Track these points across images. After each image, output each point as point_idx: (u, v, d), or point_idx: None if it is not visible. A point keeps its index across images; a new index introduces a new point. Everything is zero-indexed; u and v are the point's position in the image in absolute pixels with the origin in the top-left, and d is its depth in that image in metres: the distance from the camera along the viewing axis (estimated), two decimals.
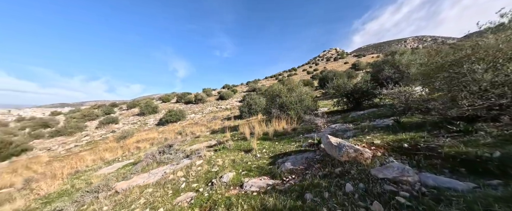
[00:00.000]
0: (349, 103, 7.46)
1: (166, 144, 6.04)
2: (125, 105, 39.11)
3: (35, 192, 4.16)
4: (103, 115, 30.32)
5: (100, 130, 21.86)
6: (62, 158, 11.67)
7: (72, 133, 21.81)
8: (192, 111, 25.09)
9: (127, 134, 14.99)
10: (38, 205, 3.47)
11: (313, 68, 53.12)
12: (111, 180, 4.08)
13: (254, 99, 13.37)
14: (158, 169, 4.44)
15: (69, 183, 4.64)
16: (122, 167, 5.71)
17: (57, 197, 3.81)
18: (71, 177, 5.37)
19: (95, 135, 19.97)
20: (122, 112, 33.44)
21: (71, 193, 3.90)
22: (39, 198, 3.82)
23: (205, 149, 5.28)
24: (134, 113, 29.43)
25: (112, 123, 23.62)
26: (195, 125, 13.53)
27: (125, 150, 8.84)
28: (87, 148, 14.74)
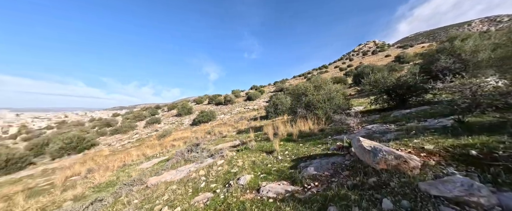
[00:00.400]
0: (391, 100, 6.37)
1: (194, 143, 6.38)
2: (166, 107, 44.13)
3: (90, 181, 4.97)
4: (149, 116, 34.90)
5: (146, 129, 25.19)
6: (117, 152, 13.84)
7: (126, 131, 25.80)
8: (221, 112, 26.32)
9: (166, 133, 16.77)
10: (90, 193, 4.12)
11: (347, 64, 48.69)
12: (145, 175, 4.51)
13: (280, 99, 13.01)
14: (184, 166, 4.68)
15: (116, 175, 5.38)
16: (157, 163, 6.31)
17: (105, 187, 4.45)
18: (119, 170, 6.23)
19: (142, 133, 23.07)
20: (164, 113, 37.79)
21: (115, 184, 4.49)
22: (92, 187, 4.54)
23: (228, 149, 5.31)
24: (173, 114, 32.86)
25: (155, 123, 26.93)
26: (223, 125, 14.07)
27: (163, 147, 9.83)
28: (136, 144, 17.07)
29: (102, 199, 3.01)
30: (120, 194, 3.35)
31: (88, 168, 7.34)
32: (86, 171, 6.77)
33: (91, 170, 6.69)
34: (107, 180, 5.00)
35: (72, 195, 4.04)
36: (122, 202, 2.94)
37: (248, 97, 32.20)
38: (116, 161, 7.53)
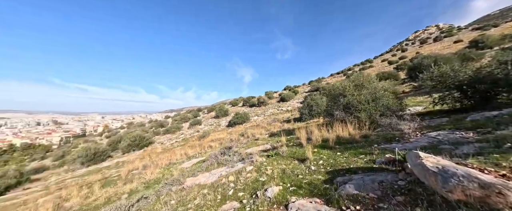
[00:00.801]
0: (466, 98, 4.89)
1: (227, 146, 6.60)
2: (206, 110, 48.31)
3: (143, 177, 5.81)
4: (192, 118, 38.97)
5: (190, 130, 28.13)
6: (167, 150, 15.89)
7: (174, 132, 29.53)
8: (255, 113, 26.77)
9: (205, 133, 18.24)
10: (142, 188, 4.78)
11: (398, 56, 41.56)
12: (184, 175, 4.90)
13: (315, 99, 12.12)
14: (217, 170, 4.85)
15: (162, 173, 6.11)
16: (196, 163, 6.83)
17: (153, 183, 5.09)
18: (165, 168, 7.07)
19: (187, 133, 25.85)
20: (204, 115, 41.44)
21: (160, 181, 5.08)
22: (144, 182, 5.29)
23: (259, 154, 5.21)
24: (211, 116, 35.63)
25: (197, 125, 29.77)
26: (256, 127, 14.20)
27: (202, 148, 10.66)
28: (181, 143, 19.20)
29: (147, 197, 3.39)
30: (161, 193, 3.71)
31: (144, 164, 8.67)
32: (142, 167, 7.99)
33: (145, 166, 7.85)
34: (155, 177, 5.72)
35: (129, 188, 4.78)
36: (161, 202, 3.22)
37: (281, 98, 31.61)
38: (164, 159, 8.61)
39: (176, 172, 5.54)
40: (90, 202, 4.37)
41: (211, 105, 51.74)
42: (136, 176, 6.32)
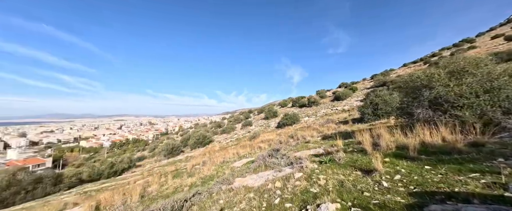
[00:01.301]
0: None
1: (274, 148, 6.35)
2: (256, 111, 50.40)
3: (201, 172, 6.50)
4: (244, 119, 41.61)
5: (242, 131, 30.04)
6: (223, 149, 17.51)
7: (229, 132, 32.42)
8: (305, 114, 25.22)
9: (255, 134, 18.83)
10: (199, 182, 5.32)
11: None
12: (234, 174, 5.05)
13: (381, 96, 9.86)
14: (264, 172, 4.68)
15: (216, 170, 6.63)
16: (245, 163, 6.99)
17: (208, 179, 5.57)
18: (219, 165, 7.67)
19: (239, 134, 27.71)
20: (255, 117, 43.29)
21: (213, 178, 5.49)
22: (201, 178, 5.89)
23: (309, 159, 4.63)
24: (261, 117, 36.67)
25: (248, 125, 31.41)
26: (307, 128, 13.20)
27: (252, 148, 10.95)
28: (235, 143, 20.68)
29: (201, 193, 3.65)
30: (212, 191, 3.91)
31: (203, 160, 9.85)
32: (202, 163, 9.06)
33: (204, 163, 8.86)
34: (210, 173, 6.27)
35: (190, 182, 5.44)
36: (212, 200, 3.35)
37: (336, 97, 28.26)
38: (219, 157, 9.42)
39: (227, 171, 5.82)
40: (163, 190, 5.29)
41: (260, 107, 53.48)
42: (196, 171, 7.19)
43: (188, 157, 17.94)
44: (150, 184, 6.66)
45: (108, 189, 8.26)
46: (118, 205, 4.61)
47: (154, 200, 4.60)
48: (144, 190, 5.60)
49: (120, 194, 5.07)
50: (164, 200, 4.49)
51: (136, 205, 4.44)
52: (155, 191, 5.30)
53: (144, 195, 5.08)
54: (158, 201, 4.54)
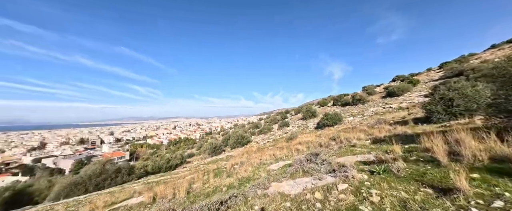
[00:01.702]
0: None
1: (313, 152, 5.83)
2: (293, 111, 48.86)
3: (239, 173, 6.66)
4: (280, 120, 41.01)
5: (279, 131, 29.65)
6: (260, 149, 17.64)
7: (266, 133, 32.60)
8: (350, 113, 22.58)
9: (293, 136, 18.16)
10: (236, 184, 5.43)
11: None
12: (269, 178, 4.90)
13: (458, 88, 7.63)
14: (301, 179, 4.32)
15: (253, 172, 6.65)
16: (282, 166, 6.73)
17: (244, 181, 5.63)
18: (256, 167, 7.68)
19: (276, 134, 27.43)
20: (292, 117, 42.03)
21: (250, 180, 5.49)
22: (238, 179, 6.02)
23: (356, 167, 3.96)
24: (299, 118, 35.22)
25: (285, 126, 30.73)
26: (352, 130, 11.68)
27: (289, 150, 10.54)
28: (272, 144, 20.56)
29: (237, 196, 3.66)
30: (248, 195, 3.87)
31: (241, 160, 10.15)
32: (240, 163, 9.34)
33: (242, 163, 9.09)
34: (247, 175, 6.33)
35: (228, 182, 5.64)
36: (247, 204, 3.29)
37: (389, 93, 24.11)
38: (256, 158, 9.47)
39: (264, 174, 5.72)
40: (205, 188, 5.69)
41: (297, 107, 51.48)
42: (235, 171, 7.43)
43: (228, 156, 19.01)
44: (195, 181, 7.31)
45: (165, 182, 9.62)
46: (170, 198, 5.23)
47: (197, 197, 4.96)
48: (190, 186, 6.17)
49: (171, 188, 5.76)
50: (205, 198, 4.80)
51: (183, 200, 4.91)
52: (198, 188, 5.74)
53: (189, 191, 5.59)
54: (200, 198, 4.87)
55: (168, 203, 4.84)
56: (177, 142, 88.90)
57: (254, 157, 10.45)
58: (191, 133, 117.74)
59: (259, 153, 11.97)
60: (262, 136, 30.65)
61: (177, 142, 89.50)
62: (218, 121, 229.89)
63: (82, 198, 9.41)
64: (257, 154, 11.64)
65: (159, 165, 18.68)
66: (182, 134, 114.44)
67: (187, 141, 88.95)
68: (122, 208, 5.36)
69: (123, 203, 5.96)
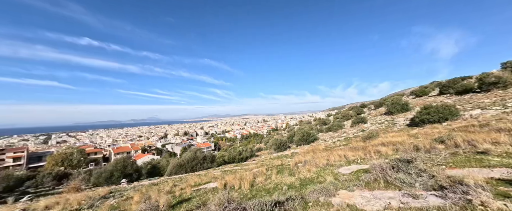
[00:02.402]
0: None
1: (403, 157, 4.31)
2: (373, 105, 40.12)
3: (301, 173, 6.22)
4: (355, 115, 35.02)
5: (352, 129, 25.40)
6: (328, 148, 15.88)
7: (336, 130, 28.97)
8: (474, 104, 15.30)
9: (372, 134, 14.85)
10: (297, 184, 5.07)
11: None
12: (337, 184, 4.15)
13: None
14: (383, 192, 3.28)
15: (317, 174, 5.98)
16: (355, 172, 5.56)
17: (307, 182, 5.13)
18: (321, 168, 6.87)
19: (349, 132, 23.70)
20: (370, 112, 34.75)
21: (313, 183, 4.92)
22: (299, 178, 5.60)
23: (490, 187, 2.44)
24: (381, 113, 28.43)
25: (361, 123, 25.81)
26: (478, 129, 7.73)
27: (365, 152, 8.63)
28: (343, 143, 17.98)
29: (295, 199, 3.37)
30: (308, 200, 3.45)
31: (306, 159, 9.52)
32: (303, 162, 8.80)
33: (306, 162, 8.50)
34: (310, 176, 5.77)
35: (289, 181, 5.41)
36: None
37: None
38: (322, 158, 8.51)
39: (330, 177, 4.95)
40: (266, 184, 5.78)
41: (379, 99, 41.61)
42: (297, 170, 7.05)
43: (293, 154, 18.61)
44: (258, 175, 7.66)
45: (235, 172, 10.90)
46: (236, 188, 5.78)
47: (258, 191, 5.12)
48: (254, 180, 6.51)
49: (238, 179, 6.34)
50: (266, 193, 4.84)
51: (247, 192, 5.24)
52: (260, 183, 5.94)
53: (253, 184, 5.89)
54: (261, 193, 4.97)
55: (235, 192, 5.33)
56: (248, 137, 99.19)
57: (320, 156, 9.48)
58: (259, 129, 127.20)
59: (327, 152, 10.72)
60: (331, 134, 27.58)
61: (248, 137, 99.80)
62: (283, 118, 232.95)
63: (183, 176, 12.66)
64: (323, 153, 10.49)
65: (233, 156, 21.59)
66: (252, 130, 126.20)
67: (256, 136, 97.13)
68: (202, 189, 6.59)
69: (204, 186, 7.30)
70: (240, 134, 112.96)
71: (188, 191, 6.30)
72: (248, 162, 19.76)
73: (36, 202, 8.53)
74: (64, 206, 6.69)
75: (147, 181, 13.25)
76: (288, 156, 18.13)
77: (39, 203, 7.56)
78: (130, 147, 60.56)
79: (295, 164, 9.50)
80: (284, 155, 18.99)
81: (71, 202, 6.98)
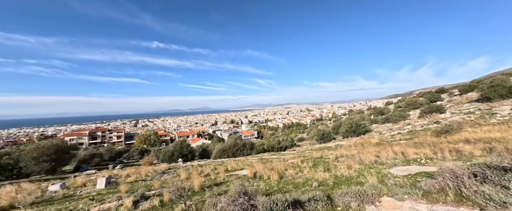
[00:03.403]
0: None
1: (496, 163, 2.91)
2: (457, 89, 30.50)
3: (340, 169, 5.41)
4: (426, 103, 27.80)
5: (422, 120, 20.32)
6: (384, 142, 13.43)
7: (397, 121, 24.03)
8: None
9: (451, 127, 11.35)
10: (331, 182, 4.42)
11: None
12: (381, 189, 3.32)
13: None
14: (451, 208, 2.32)
15: (358, 172, 5.04)
16: (414, 174, 4.32)
17: (343, 181, 4.40)
18: (366, 166, 5.77)
19: (416, 124, 19.13)
20: (452, 99, 26.71)
21: (350, 182, 4.15)
22: (335, 175, 4.87)
23: None
24: (470, 99, 21.28)
25: (436, 113, 20.21)
26: None
27: (436, 150, 6.60)
28: (406, 137, 14.74)
29: (318, 200, 2.90)
30: (336, 204, 2.90)
31: (351, 153, 8.32)
32: (346, 156, 7.72)
33: (348, 157, 7.41)
34: (349, 174, 4.93)
35: (322, 178, 4.82)
36: None
37: None
38: (370, 154, 7.17)
39: (373, 178, 4.03)
40: (297, 177, 5.40)
41: (468, 82, 30.96)
42: (336, 165, 6.22)
43: (337, 146, 16.86)
44: (292, 166, 7.31)
45: (272, 161, 10.93)
46: (265, 178, 5.70)
47: (286, 185, 4.83)
48: (285, 171, 6.24)
49: (268, 169, 6.24)
50: (293, 187, 4.51)
51: (274, 184, 5.07)
52: (290, 176, 5.60)
53: (282, 176, 5.65)
54: (288, 186, 4.68)
55: (262, 182, 5.26)
56: (290, 126, 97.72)
57: (368, 151, 8.05)
58: (302, 119, 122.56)
59: (379, 147, 8.98)
60: (389, 125, 23.17)
61: (290, 126, 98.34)
62: (330, 107, 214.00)
63: (225, 160, 13.91)
64: (374, 148, 8.85)
65: (272, 144, 21.81)
66: (294, 119, 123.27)
67: (298, 125, 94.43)
68: (235, 175, 6.92)
69: (238, 172, 7.66)
70: (282, 123, 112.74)
71: (222, 176, 6.75)
72: (287, 151, 19.51)
73: (124, 170, 11.52)
74: (137, 176, 8.61)
75: (197, 162, 15.35)
76: (330, 148, 16.58)
77: (124, 172, 10.12)
78: (188, 132, 72.19)
79: (336, 158, 8.49)
80: (327, 147, 17.49)
81: (141, 173, 8.89)
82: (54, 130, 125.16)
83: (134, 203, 3.64)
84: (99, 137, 54.64)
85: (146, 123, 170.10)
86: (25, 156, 10.12)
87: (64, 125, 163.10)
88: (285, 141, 25.26)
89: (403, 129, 18.71)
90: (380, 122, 26.93)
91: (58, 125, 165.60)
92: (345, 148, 13.18)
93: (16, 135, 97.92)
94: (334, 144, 19.63)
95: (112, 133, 57.81)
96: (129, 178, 8.30)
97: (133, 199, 3.73)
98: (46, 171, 10.32)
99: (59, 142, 12.12)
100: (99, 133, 55.69)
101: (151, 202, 3.67)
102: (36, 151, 10.25)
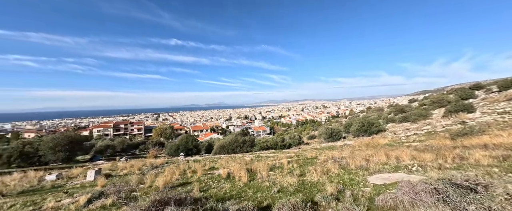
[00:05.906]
0: None
1: (463, 178, 2.30)
2: (495, 85, 26.46)
3: (315, 173, 4.96)
4: (455, 100, 24.64)
5: (445, 120, 18.09)
6: (395, 143, 12.24)
7: (415, 120, 21.74)
8: None
9: (473, 129, 9.82)
10: (293, 189, 4.05)
11: None
12: (329, 201, 2.89)
13: None
14: None
15: (334, 177, 4.56)
16: (388, 184, 3.73)
17: (307, 188, 3.99)
18: (348, 170, 5.21)
19: (438, 124, 17.11)
20: (488, 96, 23.28)
21: (311, 190, 3.73)
22: (302, 181, 4.46)
23: None
24: (509, 97, 18.24)
25: (463, 112, 17.74)
26: None
27: (439, 155, 5.68)
28: (421, 138, 13.31)
29: None
30: None
31: (344, 155, 7.70)
32: (340, 158, 7.14)
33: (338, 159, 6.83)
34: (320, 179, 4.47)
35: (288, 182, 4.45)
36: None
37: None
38: (362, 157, 6.49)
39: (333, 188, 3.56)
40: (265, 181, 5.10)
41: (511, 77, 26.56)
42: (316, 169, 5.72)
43: (343, 146, 15.86)
44: (277, 167, 7.00)
45: (265, 159, 10.68)
46: (236, 179, 5.47)
47: (250, 188, 4.59)
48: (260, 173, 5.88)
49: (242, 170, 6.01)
50: (252, 193, 4.25)
51: (239, 187, 4.85)
52: (260, 179, 5.31)
53: (253, 178, 5.39)
54: (248, 192, 4.43)
55: (228, 184, 5.08)
56: (304, 123, 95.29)
57: (365, 154, 7.32)
58: (317, 115, 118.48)
59: (383, 149, 8.10)
60: (406, 125, 21.10)
61: (304, 123, 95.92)
62: (348, 103, 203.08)
63: (222, 156, 14.04)
64: (371, 151, 8.04)
65: (275, 142, 21.40)
66: (309, 116, 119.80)
67: (312, 123, 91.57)
68: (210, 174, 6.82)
69: (217, 171, 7.58)
70: (295, 120, 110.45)
71: (199, 174, 6.70)
72: (291, 149, 18.98)
73: (127, 162, 12.31)
74: (129, 169, 9.05)
75: (196, 157, 15.75)
76: (335, 148, 15.67)
77: (124, 164, 10.75)
78: (202, 126, 74.83)
79: (327, 159, 7.91)
80: (332, 147, 16.57)
81: (134, 166, 9.32)
82: (88, 121, 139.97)
83: (88, 201, 3.76)
84: (122, 129, 59.71)
85: (166, 117, 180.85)
86: (43, 145, 11.56)
87: (96, 117, 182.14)
88: (292, 138, 24.60)
89: (421, 129, 16.87)
90: (397, 121, 24.62)
91: (92, 117, 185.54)
92: (347, 148, 12.31)
93: (57, 125, 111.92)
94: (341, 143, 18.52)
95: (133, 126, 62.64)
96: (123, 171, 8.76)
97: (89, 196, 3.86)
98: (62, 159, 11.68)
99: (72, 134, 13.54)
100: (122, 125, 60.79)
101: (104, 201, 3.75)
102: (52, 141, 11.63)
